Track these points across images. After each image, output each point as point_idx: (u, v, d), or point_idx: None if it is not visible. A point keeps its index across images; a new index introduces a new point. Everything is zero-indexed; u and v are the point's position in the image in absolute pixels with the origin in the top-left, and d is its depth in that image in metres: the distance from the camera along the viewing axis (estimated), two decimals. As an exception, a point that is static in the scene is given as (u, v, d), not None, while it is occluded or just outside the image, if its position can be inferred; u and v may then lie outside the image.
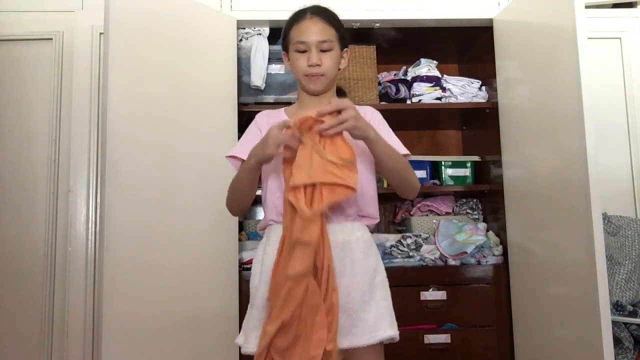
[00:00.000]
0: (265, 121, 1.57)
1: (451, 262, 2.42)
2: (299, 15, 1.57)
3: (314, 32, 1.52)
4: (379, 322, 1.41)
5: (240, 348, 1.46)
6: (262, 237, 1.53)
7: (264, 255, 1.48)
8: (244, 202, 1.55)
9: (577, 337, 1.88)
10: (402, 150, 1.51)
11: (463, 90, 2.61)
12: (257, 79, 2.40)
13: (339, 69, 1.60)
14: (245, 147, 1.51)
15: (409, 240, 2.45)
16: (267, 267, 1.44)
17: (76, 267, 2.33)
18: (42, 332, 2.35)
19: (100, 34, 2.37)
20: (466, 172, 2.71)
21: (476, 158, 2.73)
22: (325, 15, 1.56)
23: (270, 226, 1.51)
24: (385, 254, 2.39)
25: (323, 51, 1.52)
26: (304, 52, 1.53)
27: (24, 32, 2.50)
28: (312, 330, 1.30)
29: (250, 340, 1.43)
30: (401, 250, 2.42)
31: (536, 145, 2.15)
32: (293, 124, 1.34)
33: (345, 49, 1.60)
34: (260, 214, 2.88)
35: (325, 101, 1.54)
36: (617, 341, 2.06)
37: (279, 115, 1.59)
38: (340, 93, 1.67)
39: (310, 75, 1.53)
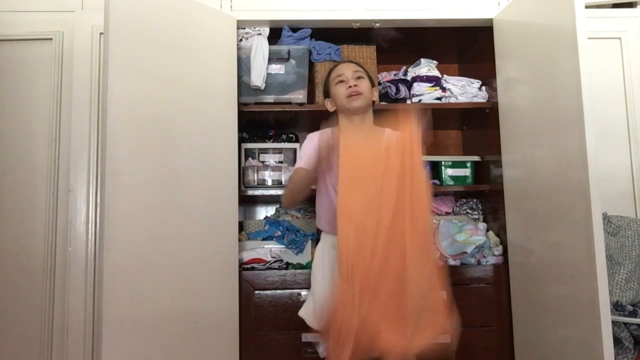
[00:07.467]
0: (325, 141, 1.82)
1: (451, 262, 2.42)
2: (336, 64, 2.12)
3: (349, 68, 2.01)
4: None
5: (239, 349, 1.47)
6: (261, 238, 1.58)
7: (324, 253, 1.96)
8: None
9: (577, 337, 1.88)
10: None
11: (463, 90, 2.61)
12: (257, 79, 2.40)
13: (373, 101, 2.00)
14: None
15: (409, 240, 2.45)
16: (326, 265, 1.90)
17: (76, 267, 2.33)
18: (42, 332, 2.35)
19: (100, 34, 2.37)
20: (466, 172, 2.71)
21: (476, 158, 2.73)
22: (356, 62, 2.12)
23: (325, 233, 1.98)
24: (385, 254, 2.38)
25: (357, 79, 1.96)
26: (342, 82, 1.97)
27: (24, 32, 2.50)
28: None
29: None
30: (401, 250, 2.42)
31: (536, 145, 2.15)
32: None
33: (374, 87, 2.04)
34: (259, 214, 2.94)
35: (366, 124, 1.96)
36: (617, 341, 2.06)
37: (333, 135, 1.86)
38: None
39: (350, 94, 1.93)
